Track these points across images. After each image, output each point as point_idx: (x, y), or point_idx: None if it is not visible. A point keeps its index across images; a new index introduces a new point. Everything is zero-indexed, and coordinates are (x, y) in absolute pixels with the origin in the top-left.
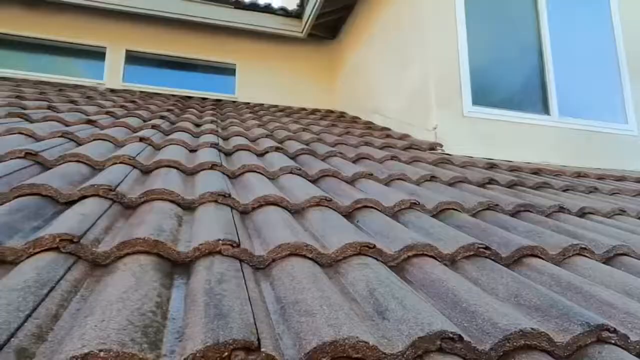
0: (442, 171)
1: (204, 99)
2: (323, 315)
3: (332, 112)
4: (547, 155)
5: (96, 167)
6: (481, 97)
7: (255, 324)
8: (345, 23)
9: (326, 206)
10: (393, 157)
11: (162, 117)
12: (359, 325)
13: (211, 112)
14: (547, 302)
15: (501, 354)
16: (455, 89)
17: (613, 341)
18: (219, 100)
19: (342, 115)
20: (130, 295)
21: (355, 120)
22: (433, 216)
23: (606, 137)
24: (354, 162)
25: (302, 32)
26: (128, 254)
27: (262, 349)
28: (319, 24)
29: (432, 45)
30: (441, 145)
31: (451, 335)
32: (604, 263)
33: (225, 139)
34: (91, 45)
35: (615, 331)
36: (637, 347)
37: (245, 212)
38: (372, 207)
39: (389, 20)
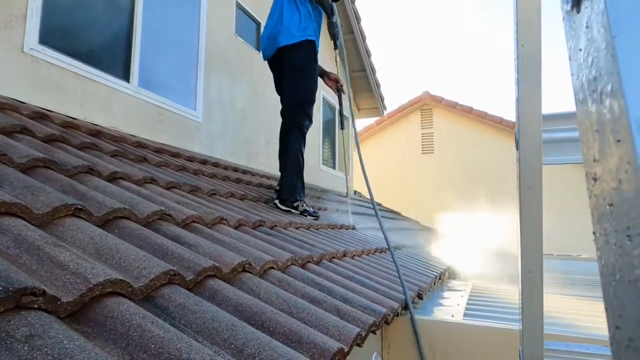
0: None
1: None
2: None
3: None
4: (121, 121)
5: None
6: (53, 37)
7: None
8: None
9: None
10: None
11: None
12: None
13: None
14: None
15: None
16: (18, 15)
17: (37, 305)
18: None
19: None
20: None
21: None
22: None
23: (177, 117)
24: None
25: None
26: None
27: None
28: None
29: None
30: None
31: None
32: (102, 225)
33: None
34: None
35: (44, 293)
36: (69, 307)
37: None
38: None
39: None
